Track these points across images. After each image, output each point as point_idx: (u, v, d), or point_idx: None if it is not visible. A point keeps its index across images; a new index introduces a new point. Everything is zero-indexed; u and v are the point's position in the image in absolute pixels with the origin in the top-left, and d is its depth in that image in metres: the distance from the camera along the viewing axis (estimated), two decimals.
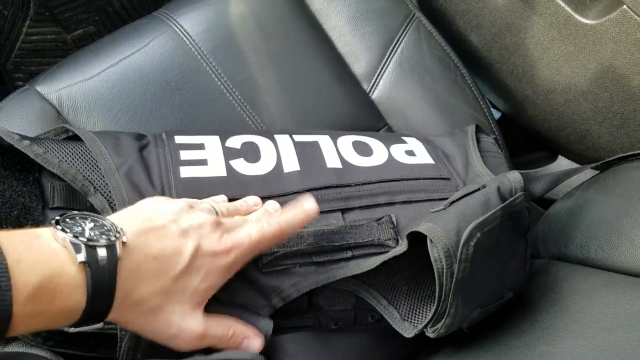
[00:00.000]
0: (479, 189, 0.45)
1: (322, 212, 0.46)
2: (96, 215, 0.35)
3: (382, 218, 0.47)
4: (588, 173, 0.62)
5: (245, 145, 0.50)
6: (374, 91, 0.67)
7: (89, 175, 0.44)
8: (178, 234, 0.37)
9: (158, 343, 0.38)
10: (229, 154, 0.49)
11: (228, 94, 0.61)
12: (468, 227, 0.40)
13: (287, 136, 0.52)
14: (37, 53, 0.82)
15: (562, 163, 0.79)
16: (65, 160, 0.44)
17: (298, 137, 0.52)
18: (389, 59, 0.67)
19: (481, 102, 0.68)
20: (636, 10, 0.55)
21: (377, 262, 0.43)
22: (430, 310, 0.42)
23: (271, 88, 0.62)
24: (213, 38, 0.63)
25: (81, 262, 0.31)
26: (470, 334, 0.45)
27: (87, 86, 0.60)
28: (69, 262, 0.31)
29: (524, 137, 0.81)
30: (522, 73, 0.71)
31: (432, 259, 0.40)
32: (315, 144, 0.52)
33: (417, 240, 0.42)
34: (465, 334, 0.45)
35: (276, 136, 0.52)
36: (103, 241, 0.33)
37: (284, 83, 0.63)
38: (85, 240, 0.32)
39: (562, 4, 0.62)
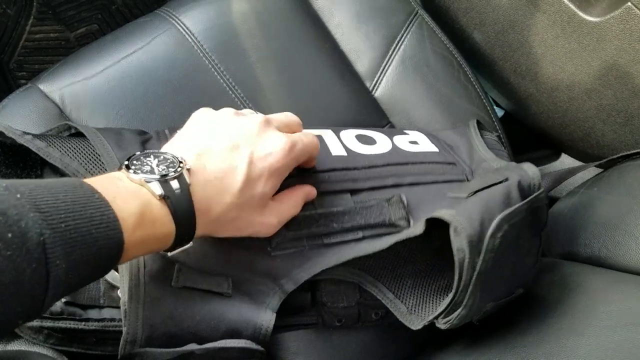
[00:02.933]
0: (501, 182, 0.44)
1: (330, 193, 0.46)
2: (156, 151, 0.38)
3: (392, 198, 0.46)
4: (592, 171, 0.62)
5: None
6: (376, 89, 0.67)
7: (91, 169, 0.44)
8: (230, 148, 0.39)
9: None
10: None
11: (230, 92, 0.61)
12: (497, 218, 0.39)
13: None
14: (40, 51, 0.82)
15: (566, 161, 0.79)
16: (68, 155, 0.44)
17: None
18: (392, 57, 0.67)
19: (484, 100, 0.68)
20: None
21: (390, 242, 0.43)
22: (438, 303, 0.42)
23: (273, 86, 0.62)
24: (215, 36, 0.63)
25: (161, 196, 0.35)
26: (473, 331, 0.45)
27: (89, 84, 0.60)
28: (152, 197, 0.35)
29: (527, 135, 0.80)
30: (525, 71, 0.71)
31: (454, 249, 0.38)
32: (318, 137, 0.51)
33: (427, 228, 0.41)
34: (468, 331, 0.45)
35: None
36: (172, 174, 0.36)
37: (286, 81, 0.63)
38: (157, 177, 0.35)
39: (566, 1, 0.61)
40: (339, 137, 0.52)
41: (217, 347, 0.40)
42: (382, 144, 0.52)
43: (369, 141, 0.52)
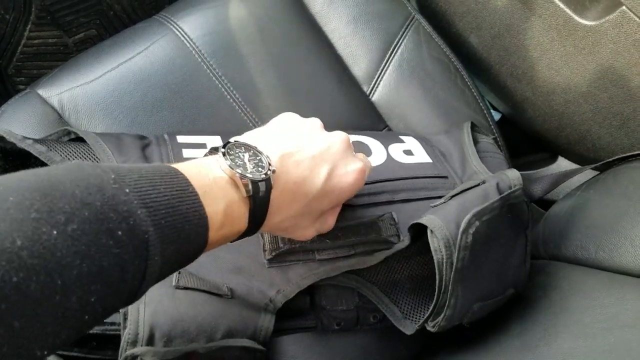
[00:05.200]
0: (478, 184, 0.46)
1: None
2: (247, 143, 0.38)
3: (383, 215, 0.47)
4: (588, 174, 0.62)
5: None
6: (374, 93, 0.67)
7: None
8: (313, 157, 0.40)
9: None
10: None
11: (229, 97, 0.61)
12: (467, 215, 0.40)
13: None
14: (38, 57, 0.82)
15: (562, 164, 0.79)
16: (69, 159, 0.45)
17: None
18: (389, 61, 0.67)
19: (481, 104, 0.68)
20: (635, 11, 0.56)
21: (380, 257, 0.44)
22: (430, 307, 0.42)
23: (271, 90, 0.63)
24: (214, 41, 0.63)
25: (248, 195, 0.35)
26: (470, 334, 0.45)
27: (88, 89, 0.60)
28: (236, 193, 0.35)
29: (524, 138, 0.81)
30: (521, 74, 0.71)
31: (432, 249, 0.40)
32: None
33: (418, 236, 0.42)
34: (465, 334, 0.45)
35: None
36: (262, 176, 0.36)
37: (284, 85, 0.63)
38: (250, 177, 0.35)
39: (562, 5, 0.62)
40: None
41: (219, 346, 0.40)
42: (377, 154, 0.52)
43: (365, 152, 0.52)
